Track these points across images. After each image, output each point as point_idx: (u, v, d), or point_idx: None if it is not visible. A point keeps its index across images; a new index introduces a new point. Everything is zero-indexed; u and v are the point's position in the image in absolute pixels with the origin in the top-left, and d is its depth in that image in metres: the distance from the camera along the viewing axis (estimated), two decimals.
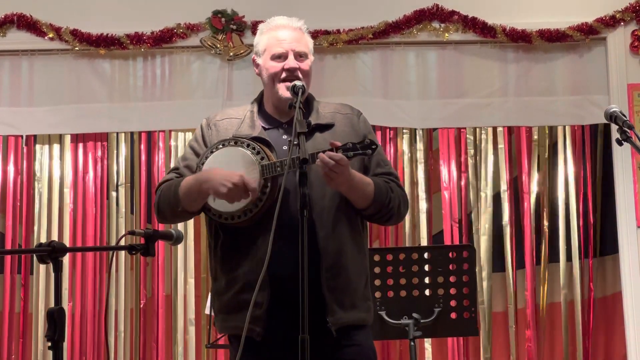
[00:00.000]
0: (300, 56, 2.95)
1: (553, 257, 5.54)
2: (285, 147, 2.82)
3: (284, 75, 2.92)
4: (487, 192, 5.58)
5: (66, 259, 5.23)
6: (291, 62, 2.93)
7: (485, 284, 5.48)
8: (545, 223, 5.55)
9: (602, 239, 5.55)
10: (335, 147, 2.69)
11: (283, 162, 2.68)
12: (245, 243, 2.83)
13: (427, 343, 5.43)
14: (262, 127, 2.96)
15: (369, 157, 2.92)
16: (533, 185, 5.57)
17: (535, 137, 5.61)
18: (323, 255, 2.78)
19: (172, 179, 2.98)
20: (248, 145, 2.85)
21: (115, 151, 5.63)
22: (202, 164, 2.93)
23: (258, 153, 2.82)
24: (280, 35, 2.97)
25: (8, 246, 5.46)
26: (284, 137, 2.91)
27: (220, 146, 2.91)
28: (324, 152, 2.71)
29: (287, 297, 2.54)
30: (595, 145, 5.61)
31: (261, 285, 2.74)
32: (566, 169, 5.58)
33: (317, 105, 3.03)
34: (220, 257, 2.92)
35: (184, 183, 2.90)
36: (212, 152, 2.92)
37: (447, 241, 5.52)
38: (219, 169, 2.84)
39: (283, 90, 2.91)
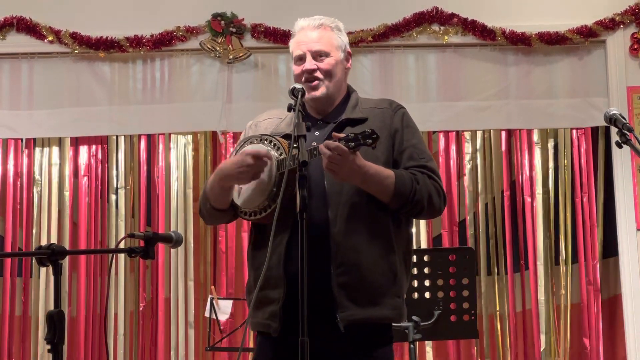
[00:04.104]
0: (319, 56, 2.96)
1: (553, 259, 5.53)
2: (314, 143, 2.82)
3: (304, 77, 2.94)
4: (486, 195, 5.59)
5: (66, 262, 5.23)
6: (307, 64, 2.94)
7: (485, 286, 5.48)
8: (545, 226, 5.55)
9: (602, 242, 5.54)
10: (338, 139, 2.68)
11: (295, 156, 2.66)
12: (268, 240, 2.81)
13: (429, 346, 5.42)
14: None
15: (401, 152, 2.90)
16: (533, 188, 5.57)
17: (535, 139, 5.62)
18: (333, 252, 2.77)
19: None
20: (270, 142, 2.87)
21: (115, 154, 5.63)
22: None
23: (278, 149, 2.83)
24: (300, 38, 3.00)
25: (8, 249, 5.46)
26: (316, 133, 2.91)
27: (249, 143, 2.95)
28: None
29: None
30: (595, 148, 5.61)
31: (277, 283, 2.77)
32: (566, 171, 5.58)
33: (357, 100, 3.02)
34: (250, 254, 2.95)
35: (208, 182, 2.94)
36: (240, 148, 2.96)
37: (447, 244, 5.52)
38: (228, 160, 2.88)
39: (307, 89, 2.91)
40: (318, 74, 2.93)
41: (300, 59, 2.96)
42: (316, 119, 2.97)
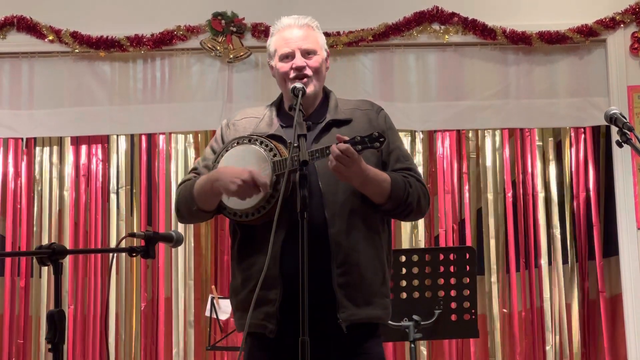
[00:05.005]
0: (308, 53, 2.96)
1: (553, 260, 5.53)
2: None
3: (292, 74, 2.94)
4: (487, 195, 5.59)
5: (67, 262, 5.23)
6: (298, 60, 2.94)
7: (485, 286, 5.48)
8: (547, 225, 5.54)
9: (602, 242, 5.54)
10: (343, 141, 2.68)
11: (294, 158, 2.66)
12: (260, 240, 2.82)
13: (423, 346, 5.42)
14: (280, 125, 2.97)
15: (388, 153, 2.93)
16: (534, 188, 5.57)
17: (536, 139, 5.61)
18: (334, 251, 2.78)
19: (190, 179, 2.98)
20: (261, 143, 2.86)
21: (115, 153, 5.63)
22: (217, 162, 2.94)
23: (271, 150, 2.83)
24: (286, 35, 2.99)
25: (8, 249, 5.46)
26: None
27: (235, 144, 2.93)
28: (328, 146, 2.71)
29: (299, 295, 2.54)
30: (596, 147, 5.61)
31: (273, 283, 2.76)
32: (566, 171, 5.58)
33: (336, 101, 3.03)
34: (237, 255, 2.93)
35: (197, 182, 2.91)
36: (227, 150, 2.94)
37: (448, 243, 5.51)
38: (230, 167, 2.85)
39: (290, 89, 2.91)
40: (307, 71, 2.94)
41: (287, 56, 2.96)
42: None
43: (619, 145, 2.97)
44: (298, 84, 2.87)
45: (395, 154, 2.95)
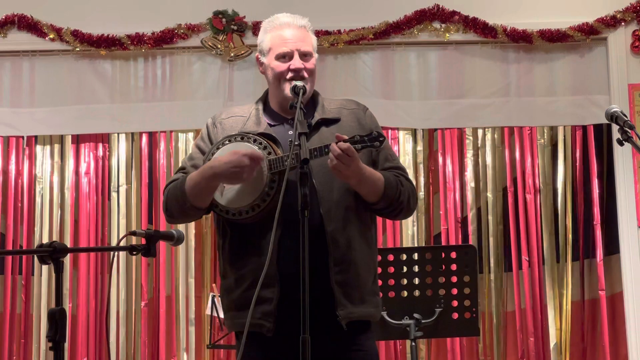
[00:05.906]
0: (305, 55, 2.97)
1: (554, 258, 5.53)
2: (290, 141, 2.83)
3: (289, 75, 2.94)
4: (488, 193, 5.59)
5: (67, 260, 5.23)
6: (297, 62, 2.95)
7: (485, 284, 5.48)
8: (547, 224, 5.54)
9: (603, 240, 5.54)
10: (343, 140, 2.69)
11: (293, 156, 2.67)
12: (254, 239, 2.83)
13: (422, 344, 5.42)
14: (268, 123, 2.98)
15: (377, 151, 2.94)
16: (535, 186, 5.57)
17: (537, 137, 5.61)
18: (331, 249, 2.80)
19: (179, 178, 2.97)
20: (255, 141, 2.87)
21: (116, 152, 5.63)
22: (209, 160, 2.93)
23: (265, 148, 2.83)
24: (285, 34, 2.99)
25: (9, 247, 5.46)
26: (290, 132, 2.90)
27: (227, 142, 2.92)
28: (327, 145, 2.72)
29: (297, 293, 2.54)
30: (597, 146, 5.60)
31: (270, 282, 2.77)
32: (567, 169, 5.58)
33: (322, 101, 3.05)
34: (229, 254, 2.92)
35: (189, 179, 2.89)
36: (218, 147, 2.93)
37: (449, 241, 5.51)
38: (218, 159, 2.84)
39: (289, 89, 2.91)
40: (304, 74, 2.95)
41: (285, 56, 2.96)
42: (285, 118, 2.97)
43: (620, 143, 2.98)
44: (299, 82, 2.88)
45: (384, 153, 2.98)
